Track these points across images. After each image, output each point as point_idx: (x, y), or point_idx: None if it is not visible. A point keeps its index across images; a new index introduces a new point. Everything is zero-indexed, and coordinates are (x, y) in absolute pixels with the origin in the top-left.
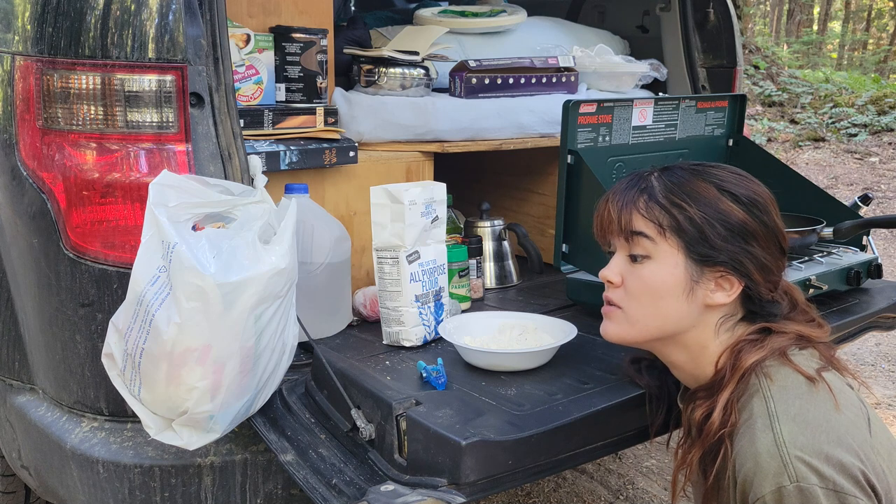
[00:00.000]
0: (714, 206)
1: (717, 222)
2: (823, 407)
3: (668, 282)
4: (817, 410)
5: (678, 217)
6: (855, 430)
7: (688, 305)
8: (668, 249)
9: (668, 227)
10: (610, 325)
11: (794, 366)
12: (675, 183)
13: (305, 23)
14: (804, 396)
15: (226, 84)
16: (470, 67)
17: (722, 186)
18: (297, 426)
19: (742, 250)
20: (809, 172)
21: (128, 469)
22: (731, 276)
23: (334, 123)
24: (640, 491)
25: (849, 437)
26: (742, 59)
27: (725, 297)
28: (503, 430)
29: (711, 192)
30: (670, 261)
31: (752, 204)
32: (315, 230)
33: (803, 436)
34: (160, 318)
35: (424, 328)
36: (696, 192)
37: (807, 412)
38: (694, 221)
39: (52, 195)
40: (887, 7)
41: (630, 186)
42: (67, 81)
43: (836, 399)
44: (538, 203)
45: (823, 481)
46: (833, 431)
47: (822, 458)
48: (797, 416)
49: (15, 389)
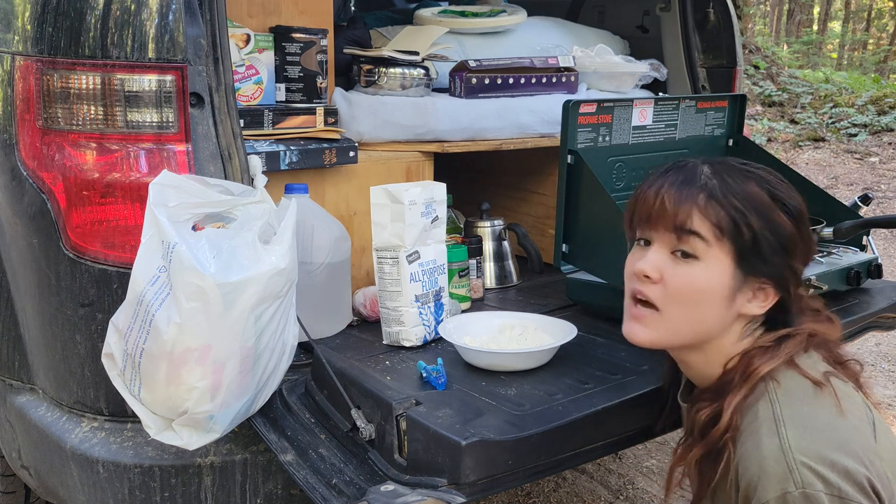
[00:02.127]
0: (769, 216)
1: (771, 234)
2: (829, 412)
3: (715, 287)
4: (823, 416)
5: (739, 223)
6: (860, 436)
7: (725, 312)
8: (719, 254)
9: (727, 232)
10: (640, 329)
11: (801, 370)
12: (733, 183)
13: (305, 23)
14: (810, 401)
15: (226, 84)
16: (470, 67)
17: (774, 195)
18: (297, 426)
19: (786, 264)
20: (809, 172)
21: (128, 469)
22: (770, 288)
23: (334, 123)
24: (640, 491)
25: (854, 444)
26: (742, 59)
27: (759, 308)
28: (503, 430)
29: (765, 199)
30: (719, 267)
31: (800, 216)
32: (315, 230)
33: (809, 441)
34: (160, 318)
35: (424, 328)
36: (752, 196)
37: (813, 417)
38: (753, 230)
39: (52, 195)
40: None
41: (685, 181)
42: (67, 81)
43: (841, 404)
44: (538, 203)
45: (829, 487)
46: (839, 437)
47: (827, 464)
48: (803, 420)
49: (15, 389)
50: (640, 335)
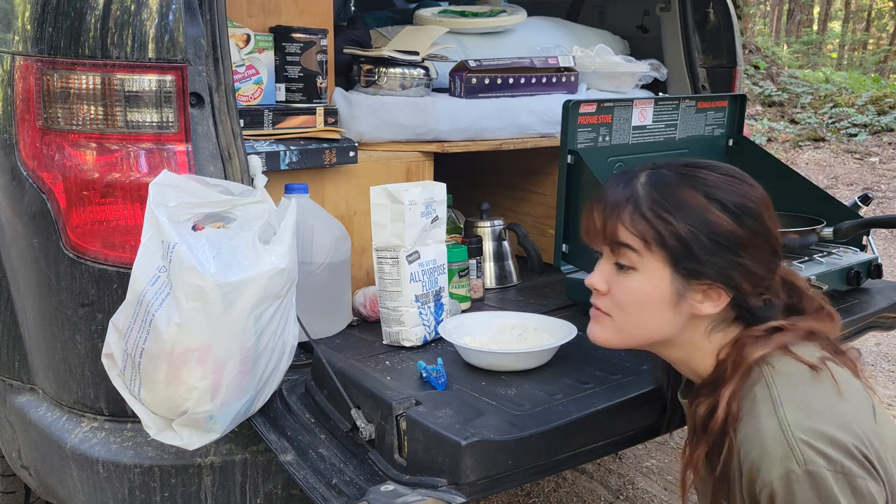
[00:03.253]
0: (701, 217)
1: (704, 235)
2: (827, 393)
3: (654, 295)
4: (821, 396)
5: (663, 232)
6: (860, 417)
7: (674, 316)
8: (654, 262)
9: (654, 241)
10: (597, 329)
11: (796, 356)
12: (662, 191)
13: (305, 23)
14: (807, 383)
15: (226, 84)
16: (470, 67)
17: (710, 194)
18: (297, 426)
19: (730, 262)
20: (809, 172)
21: (128, 469)
22: (721, 288)
23: (334, 123)
24: (640, 491)
25: (854, 424)
26: (742, 59)
27: (713, 308)
28: (503, 430)
29: (699, 200)
30: (656, 274)
31: (742, 212)
32: (315, 230)
33: (808, 420)
34: (160, 318)
35: (424, 328)
36: (683, 201)
37: (810, 397)
38: (679, 236)
39: (52, 195)
40: (887, 7)
41: (616, 194)
42: (67, 81)
43: (840, 386)
44: (538, 203)
45: (832, 464)
46: (838, 416)
47: (828, 441)
48: (801, 401)
49: (15, 389)
50: (597, 336)
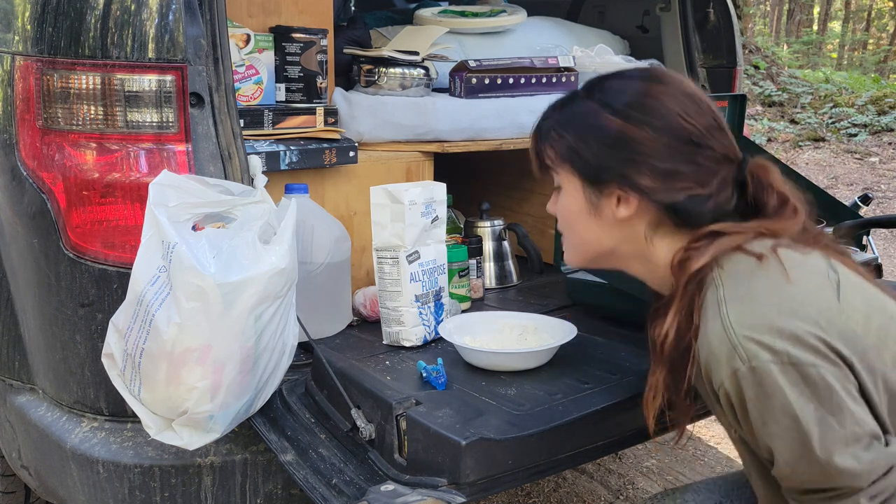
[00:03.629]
0: (591, 124)
1: (594, 141)
2: (773, 281)
3: (574, 208)
4: (766, 285)
5: (560, 147)
6: (814, 298)
7: (599, 225)
8: (567, 177)
9: (558, 158)
10: (564, 252)
11: (745, 249)
12: (562, 109)
13: (305, 23)
14: (751, 274)
15: (226, 84)
16: (470, 67)
17: (603, 100)
18: (297, 426)
19: (627, 162)
20: (809, 172)
21: (128, 469)
22: (628, 192)
23: (334, 123)
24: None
25: (805, 307)
26: (742, 59)
27: (626, 212)
28: (503, 430)
29: (591, 107)
30: (571, 187)
31: (633, 109)
32: (315, 230)
33: (750, 314)
34: (160, 318)
35: (424, 328)
36: (576, 113)
37: (754, 289)
38: (572, 147)
39: (52, 195)
40: (887, 7)
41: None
42: (67, 81)
43: (790, 272)
44: (538, 203)
45: (776, 356)
46: (785, 303)
47: (772, 332)
48: (744, 295)
49: (15, 389)
50: (565, 258)
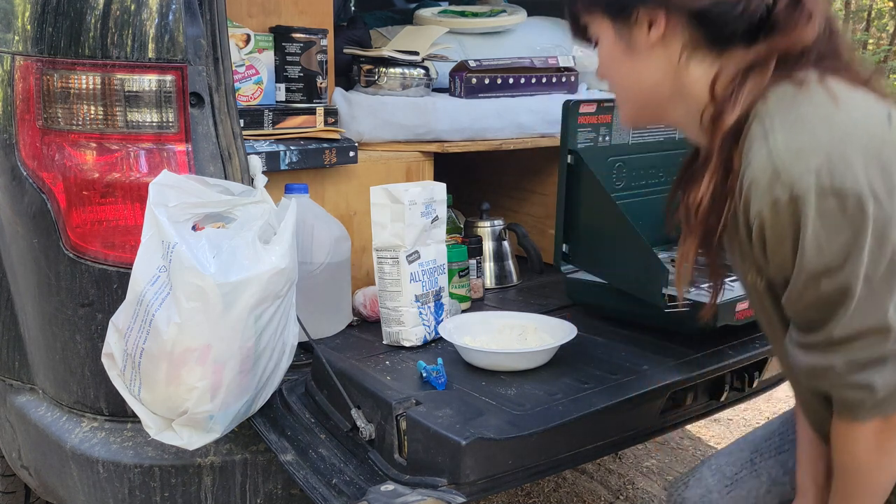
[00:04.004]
0: None
1: None
2: (822, 107)
3: (613, 54)
4: (814, 110)
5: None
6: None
7: (636, 63)
8: (599, 25)
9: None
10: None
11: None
12: None
13: (305, 23)
14: (799, 99)
15: (226, 84)
16: (470, 67)
17: None
18: (297, 426)
19: None
20: None
21: (128, 469)
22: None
23: (334, 123)
24: (640, 491)
25: (853, 134)
26: None
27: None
28: (503, 430)
29: None
30: (605, 32)
31: None
32: (315, 230)
33: (798, 140)
34: (160, 318)
35: (424, 328)
36: None
37: (803, 114)
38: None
39: (52, 195)
40: (887, 7)
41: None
42: (67, 81)
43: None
44: (538, 203)
45: (819, 181)
46: (835, 129)
47: (820, 157)
48: (794, 121)
49: (15, 389)
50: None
